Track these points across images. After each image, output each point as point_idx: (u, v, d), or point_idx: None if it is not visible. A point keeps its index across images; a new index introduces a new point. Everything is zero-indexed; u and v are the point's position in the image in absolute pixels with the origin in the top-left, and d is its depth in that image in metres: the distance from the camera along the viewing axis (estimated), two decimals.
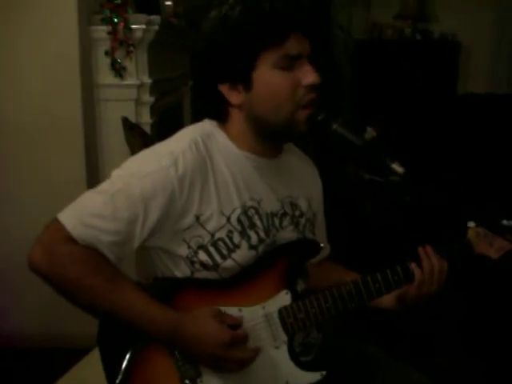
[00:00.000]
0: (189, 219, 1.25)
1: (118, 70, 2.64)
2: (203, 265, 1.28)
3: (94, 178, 2.65)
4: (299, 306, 1.30)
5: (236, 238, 1.29)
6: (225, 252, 1.28)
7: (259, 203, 1.33)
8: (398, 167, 1.20)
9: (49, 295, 1.29)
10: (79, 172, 2.63)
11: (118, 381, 1.23)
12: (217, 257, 1.28)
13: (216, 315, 1.24)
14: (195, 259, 1.28)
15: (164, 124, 3.05)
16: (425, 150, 5.23)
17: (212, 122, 1.35)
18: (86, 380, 1.51)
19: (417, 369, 1.47)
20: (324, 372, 1.31)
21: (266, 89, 1.25)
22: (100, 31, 2.61)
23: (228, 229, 1.28)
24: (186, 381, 1.24)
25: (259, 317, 1.28)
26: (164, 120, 3.10)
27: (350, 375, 1.45)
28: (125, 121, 2.54)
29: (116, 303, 1.21)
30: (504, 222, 1.42)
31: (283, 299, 1.30)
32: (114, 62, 2.63)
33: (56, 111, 2.59)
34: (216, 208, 1.27)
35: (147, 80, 2.75)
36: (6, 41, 2.53)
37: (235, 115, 1.31)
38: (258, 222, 1.32)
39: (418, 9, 5.77)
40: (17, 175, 2.65)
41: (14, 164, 2.65)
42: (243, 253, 1.29)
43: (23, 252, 1.22)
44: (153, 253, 1.32)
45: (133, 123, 2.60)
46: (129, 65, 2.65)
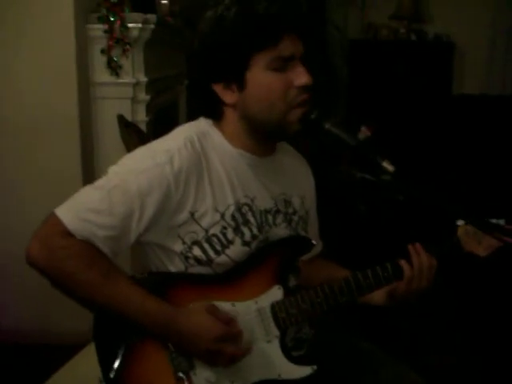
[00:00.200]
0: (183, 215, 1.28)
1: (114, 69, 2.65)
2: (197, 260, 1.31)
3: (90, 175, 2.66)
4: (291, 301, 1.33)
5: (230, 234, 1.31)
6: (218, 248, 1.31)
7: (253, 200, 1.35)
8: (389, 166, 1.22)
9: (48, 291, 1.31)
10: (75, 169, 2.64)
11: (113, 374, 1.25)
12: (211, 252, 1.30)
13: (210, 310, 1.26)
14: (189, 255, 1.30)
15: (160, 122, 3.06)
16: (419, 150, 5.26)
17: (207, 121, 1.37)
18: (81, 374, 1.53)
19: (407, 365, 1.49)
20: (315, 366, 1.33)
21: (259, 89, 1.27)
22: (96, 30, 2.62)
23: (222, 225, 1.30)
24: (180, 373, 1.26)
25: (252, 311, 1.31)
26: (160, 118, 3.11)
27: (342, 370, 1.47)
28: (120, 118, 2.56)
29: (111, 297, 1.23)
30: (493, 221, 1.45)
31: (275, 294, 1.33)
32: (111, 61, 2.64)
33: (52, 109, 2.60)
34: (210, 204, 1.29)
35: (143, 78, 2.77)
36: (3, 39, 2.54)
37: (229, 114, 1.33)
38: (252, 219, 1.34)
39: (413, 9, 5.80)
40: (14, 172, 2.67)
41: (11, 161, 2.66)
42: (237, 249, 1.32)
43: (23, 248, 1.24)
44: (148, 248, 1.34)
45: (128, 121, 2.61)
46: (125, 63, 2.67)
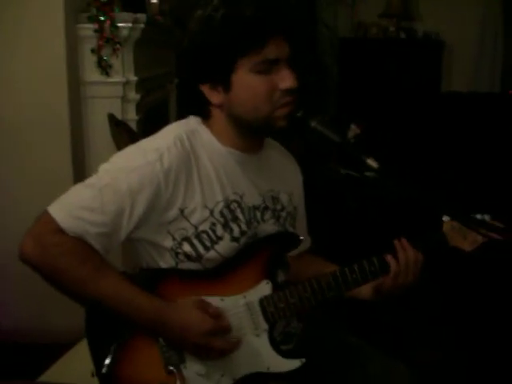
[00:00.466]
0: (173, 212, 1.30)
1: (105, 68, 2.66)
2: (187, 256, 1.33)
3: (81, 173, 2.67)
4: (279, 296, 1.35)
5: (219, 231, 1.34)
6: (208, 244, 1.33)
7: (241, 197, 1.37)
8: (373, 163, 1.24)
9: (46, 290, 1.32)
10: (66, 167, 2.65)
11: (105, 368, 1.27)
12: (200, 248, 1.33)
13: (199, 305, 1.29)
14: (179, 251, 1.33)
15: (150, 121, 3.07)
16: (407, 147, 5.29)
17: (196, 119, 1.39)
18: (74, 369, 1.55)
19: (395, 359, 1.51)
20: (304, 359, 1.35)
21: (245, 92, 1.29)
22: (86, 29, 2.63)
23: (211, 221, 1.33)
24: (170, 367, 1.28)
25: (241, 306, 1.33)
26: (150, 117, 3.12)
27: (330, 365, 1.50)
28: (111, 117, 2.57)
29: (103, 292, 1.25)
30: (478, 216, 1.48)
31: (264, 289, 1.35)
32: (101, 60, 2.65)
33: (43, 108, 2.60)
34: (200, 201, 1.31)
35: (133, 77, 2.78)
36: None
37: (217, 114, 1.35)
38: (240, 216, 1.37)
39: (402, 8, 5.84)
40: (5, 171, 2.67)
41: (3, 160, 2.66)
42: (226, 244, 1.34)
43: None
44: (138, 245, 1.37)
45: (119, 120, 2.62)
46: (115, 62, 2.68)
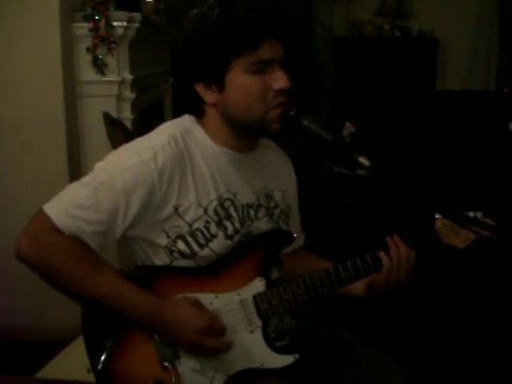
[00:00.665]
0: (168, 210, 1.31)
1: (100, 67, 2.67)
2: (181, 254, 1.34)
3: (77, 172, 2.68)
4: (273, 293, 1.36)
5: (213, 229, 1.35)
6: (202, 241, 1.34)
7: (235, 195, 1.39)
8: (365, 161, 1.26)
9: (44, 289, 1.33)
10: (62, 166, 2.65)
11: (101, 365, 1.28)
12: (194, 246, 1.34)
13: (194, 302, 1.30)
14: (174, 248, 1.34)
15: (145, 119, 3.08)
16: (402, 145, 5.31)
17: (191, 118, 1.40)
18: (70, 365, 1.56)
19: (387, 356, 1.52)
20: (297, 355, 1.37)
21: (238, 92, 1.30)
22: (82, 28, 2.64)
23: (205, 219, 1.34)
24: (165, 363, 1.30)
25: (235, 302, 1.35)
26: (145, 115, 3.13)
27: (323, 362, 1.51)
28: (106, 116, 2.57)
29: (99, 290, 1.26)
30: (470, 214, 1.49)
31: (257, 286, 1.37)
32: (96, 59, 2.66)
33: (38, 107, 2.61)
34: (194, 200, 1.33)
35: (128, 76, 2.79)
36: None
37: (211, 113, 1.37)
38: (234, 214, 1.38)
39: (397, 6, 5.85)
40: (1, 171, 2.68)
41: None
42: (220, 242, 1.36)
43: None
44: (134, 242, 1.38)
45: (114, 119, 2.63)
46: (110, 61, 2.69)
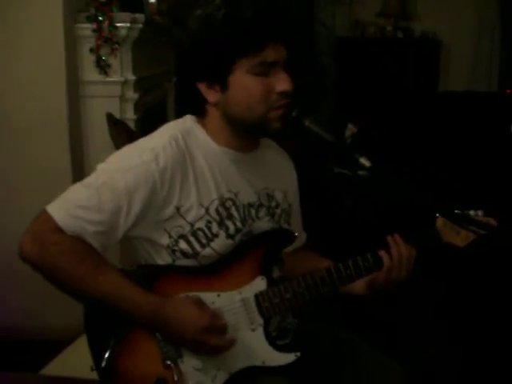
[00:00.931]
0: (169, 210, 1.33)
1: (103, 67, 2.68)
2: (183, 253, 1.35)
3: (80, 172, 2.69)
4: (274, 292, 1.37)
5: (214, 228, 1.36)
6: (204, 241, 1.36)
7: (236, 195, 1.40)
8: (366, 161, 1.27)
9: (42, 288, 1.34)
10: (65, 166, 2.66)
11: (104, 363, 1.29)
12: (196, 245, 1.35)
13: (196, 301, 1.31)
14: (176, 248, 1.35)
15: (148, 120, 3.09)
16: (404, 147, 5.31)
17: (192, 118, 1.42)
18: (74, 363, 1.57)
19: (388, 355, 1.53)
20: (298, 353, 1.38)
21: (241, 92, 1.31)
22: (85, 29, 2.65)
23: (207, 219, 1.35)
24: (168, 361, 1.31)
25: (236, 301, 1.36)
26: (148, 116, 3.14)
27: (323, 360, 1.51)
28: (109, 117, 2.58)
29: (102, 289, 1.27)
30: (471, 212, 1.50)
31: (259, 285, 1.38)
32: (99, 59, 2.67)
33: (42, 107, 2.62)
34: (195, 200, 1.34)
35: (131, 77, 2.80)
36: None
37: (212, 112, 1.38)
38: (235, 213, 1.39)
39: (400, 7, 5.86)
40: (5, 170, 2.69)
41: (3, 159, 2.68)
42: (221, 242, 1.37)
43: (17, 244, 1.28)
44: (136, 242, 1.39)
45: (117, 119, 2.64)
46: (113, 62, 2.70)
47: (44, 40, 2.57)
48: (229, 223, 1.38)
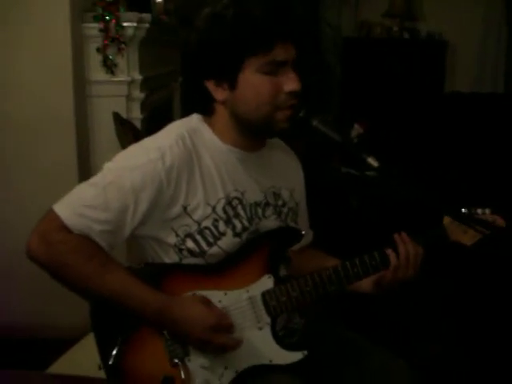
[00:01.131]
0: (176, 209, 1.33)
1: (110, 67, 2.70)
2: (190, 252, 1.36)
3: (86, 171, 2.70)
4: (281, 290, 1.37)
5: (221, 227, 1.36)
6: (211, 240, 1.36)
7: (243, 194, 1.40)
8: (374, 162, 1.27)
9: (45, 286, 1.35)
10: (72, 165, 2.68)
11: (112, 361, 1.30)
12: (203, 244, 1.35)
13: (204, 300, 1.31)
14: (183, 247, 1.35)
15: (154, 119, 3.10)
16: (410, 147, 5.31)
17: (198, 117, 1.42)
18: (81, 361, 1.57)
19: (394, 353, 1.53)
20: (306, 352, 1.37)
21: (250, 91, 1.31)
22: (92, 28, 2.66)
23: (213, 218, 1.35)
24: (175, 360, 1.31)
25: (243, 300, 1.36)
26: (154, 115, 3.15)
27: (329, 360, 1.51)
28: (116, 116, 2.59)
29: (110, 288, 1.28)
30: (478, 211, 1.50)
31: (266, 283, 1.38)
32: (106, 59, 2.69)
33: (48, 106, 2.63)
34: (202, 199, 1.34)
35: (138, 76, 2.81)
36: (1, 39, 2.58)
37: (220, 110, 1.38)
38: (242, 212, 1.39)
39: (406, 8, 5.86)
40: (12, 170, 2.70)
41: (9, 159, 2.69)
42: (228, 240, 1.37)
43: (21, 243, 1.29)
44: (143, 241, 1.39)
45: (124, 119, 2.65)
46: (120, 61, 2.71)
47: (51, 39, 2.58)
48: (236, 222, 1.38)
